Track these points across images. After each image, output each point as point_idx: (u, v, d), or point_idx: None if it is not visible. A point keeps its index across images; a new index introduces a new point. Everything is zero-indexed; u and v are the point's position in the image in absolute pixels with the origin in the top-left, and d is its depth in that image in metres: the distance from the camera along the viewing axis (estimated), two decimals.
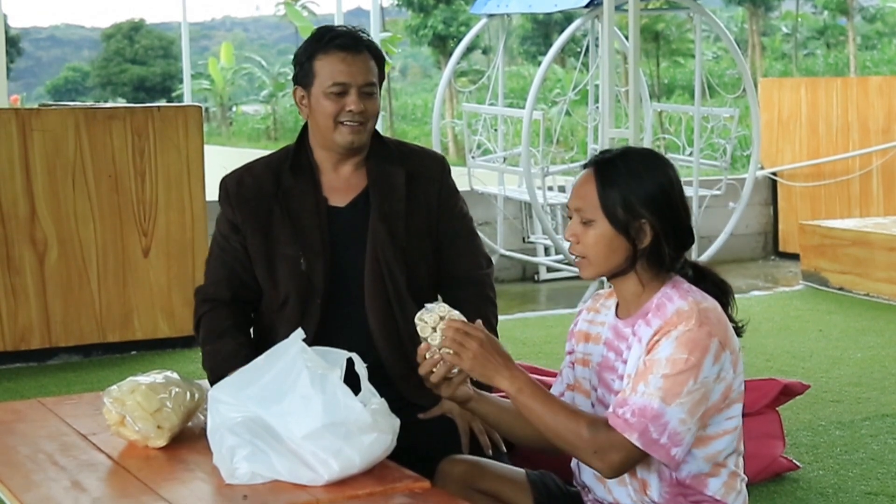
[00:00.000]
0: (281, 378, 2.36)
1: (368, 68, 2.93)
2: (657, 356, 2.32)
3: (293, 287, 2.93)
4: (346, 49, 2.91)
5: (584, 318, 2.60)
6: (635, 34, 7.44)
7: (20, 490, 2.32)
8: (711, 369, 2.32)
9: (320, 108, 2.93)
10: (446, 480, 2.56)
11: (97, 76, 47.90)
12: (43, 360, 6.17)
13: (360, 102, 2.90)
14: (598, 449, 2.30)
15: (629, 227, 2.39)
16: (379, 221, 2.95)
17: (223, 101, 38.46)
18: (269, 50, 55.13)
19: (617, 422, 2.30)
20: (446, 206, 3.05)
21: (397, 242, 2.94)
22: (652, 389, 2.29)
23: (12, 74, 33.70)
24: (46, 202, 6.07)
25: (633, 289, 2.44)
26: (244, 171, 3.06)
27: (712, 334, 2.33)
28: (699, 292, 2.42)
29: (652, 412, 2.28)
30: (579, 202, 2.43)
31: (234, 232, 3.00)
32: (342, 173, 3.00)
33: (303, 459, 2.28)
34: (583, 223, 2.42)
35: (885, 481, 4.20)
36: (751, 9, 36.72)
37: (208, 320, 3.01)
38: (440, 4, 31.91)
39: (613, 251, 2.41)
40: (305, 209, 2.96)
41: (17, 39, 42.70)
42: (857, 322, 6.90)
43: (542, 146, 8.48)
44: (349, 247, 2.96)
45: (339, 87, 2.90)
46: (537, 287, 8.99)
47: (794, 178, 10.04)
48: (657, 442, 2.29)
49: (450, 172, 3.12)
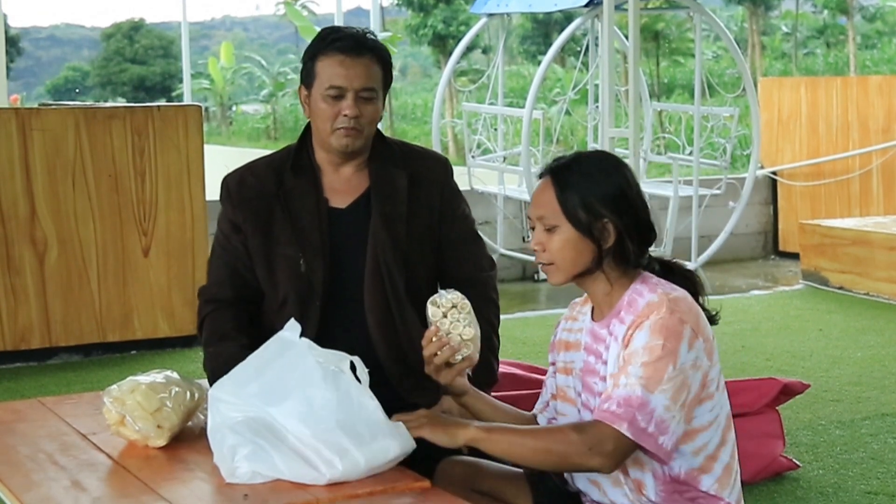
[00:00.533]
0: (287, 374, 2.35)
1: (369, 73, 2.90)
2: (633, 347, 2.34)
3: (292, 288, 2.93)
4: (346, 52, 2.89)
5: (563, 328, 2.63)
6: (635, 33, 7.44)
7: (20, 490, 2.32)
8: (687, 356, 2.34)
9: (318, 110, 2.92)
10: (446, 480, 2.56)
11: (97, 76, 47.89)
12: (43, 360, 6.17)
13: (355, 107, 2.88)
14: (591, 445, 2.31)
15: (592, 228, 2.43)
16: (380, 224, 2.94)
17: (223, 101, 38.46)
18: (268, 49, 55.10)
19: (604, 415, 2.32)
20: (448, 208, 3.04)
21: (398, 246, 2.93)
22: (633, 379, 2.31)
23: (12, 74, 33.69)
24: (46, 202, 6.08)
25: (602, 288, 2.47)
26: (246, 171, 3.05)
27: (684, 321, 2.35)
28: (668, 284, 2.45)
29: (637, 400, 2.29)
30: (540, 210, 2.47)
31: (235, 231, 2.99)
32: (343, 174, 2.99)
33: (306, 458, 2.28)
34: (546, 230, 2.46)
35: (885, 480, 4.21)
36: (751, 8, 36.72)
37: (211, 321, 3.00)
38: (440, 4, 31.93)
39: (579, 254, 2.44)
40: (306, 210, 2.95)
41: (17, 39, 42.69)
42: (857, 321, 6.90)
43: (542, 145, 8.48)
44: (349, 249, 2.96)
45: (335, 91, 2.88)
46: (537, 286, 8.99)
47: (794, 177, 10.04)
48: (645, 431, 2.30)
49: (453, 174, 3.10)
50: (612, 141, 7.33)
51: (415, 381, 2.93)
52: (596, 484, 2.50)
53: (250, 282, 2.99)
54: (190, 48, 22.52)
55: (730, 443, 2.48)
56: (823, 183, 9.80)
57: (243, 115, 39.41)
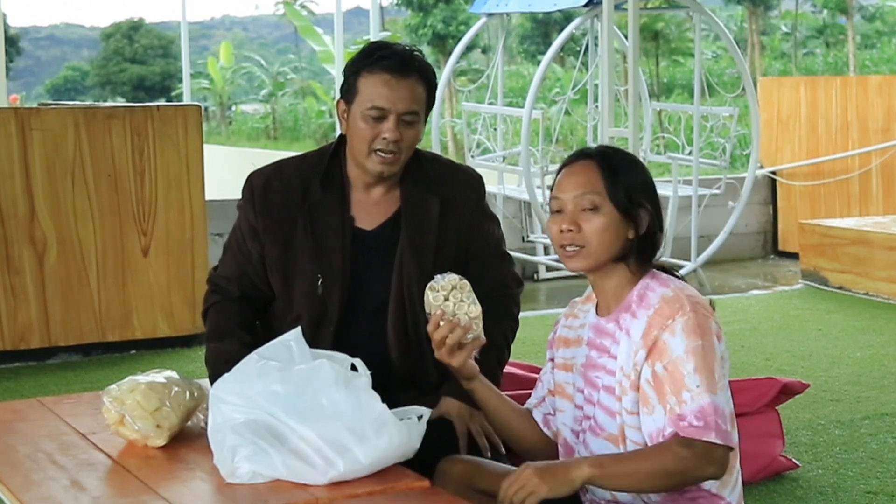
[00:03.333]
0: (295, 375, 2.35)
1: (413, 95, 2.80)
2: (674, 356, 2.33)
3: (307, 308, 2.86)
4: (392, 71, 2.78)
5: (563, 325, 2.63)
6: (635, 33, 7.44)
7: (20, 489, 2.32)
8: (719, 346, 2.38)
9: (357, 129, 2.82)
10: (446, 480, 2.55)
11: (96, 75, 47.89)
12: (42, 360, 6.17)
13: (396, 131, 2.77)
14: (696, 464, 2.31)
15: (633, 214, 2.43)
16: (409, 254, 2.85)
17: (222, 101, 38.46)
18: (268, 49, 55.09)
19: (690, 431, 2.31)
20: (478, 231, 2.96)
21: (424, 277, 2.74)
22: (695, 389, 2.31)
23: (11, 74, 33.69)
24: (46, 202, 6.07)
25: (614, 282, 2.47)
26: (273, 173, 2.95)
27: (707, 316, 2.38)
28: (676, 280, 2.46)
29: (710, 408, 2.30)
30: (582, 189, 2.43)
31: (253, 237, 2.92)
32: (373, 195, 2.90)
33: (308, 457, 2.28)
34: (587, 210, 2.43)
35: (884, 480, 4.21)
36: (750, 8, 36.73)
37: (215, 314, 2.96)
38: (439, 4, 31.94)
39: (615, 239, 2.43)
40: (331, 228, 2.86)
41: (17, 39, 42.67)
42: (857, 321, 6.90)
43: (541, 145, 8.48)
44: (370, 272, 2.88)
45: (377, 112, 2.78)
46: (537, 286, 8.98)
47: (794, 177, 10.03)
48: (728, 431, 2.33)
49: (485, 195, 3.01)
50: (611, 140, 7.33)
51: (416, 392, 2.91)
52: None
53: (259, 287, 2.95)
54: (189, 48, 22.51)
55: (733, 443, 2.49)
56: (823, 183, 9.79)
57: (243, 114, 39.41)
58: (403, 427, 2.34)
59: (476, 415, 2.85)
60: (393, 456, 2.32)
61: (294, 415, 2.31)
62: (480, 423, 2.84)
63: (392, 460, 2.33)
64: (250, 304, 2.97)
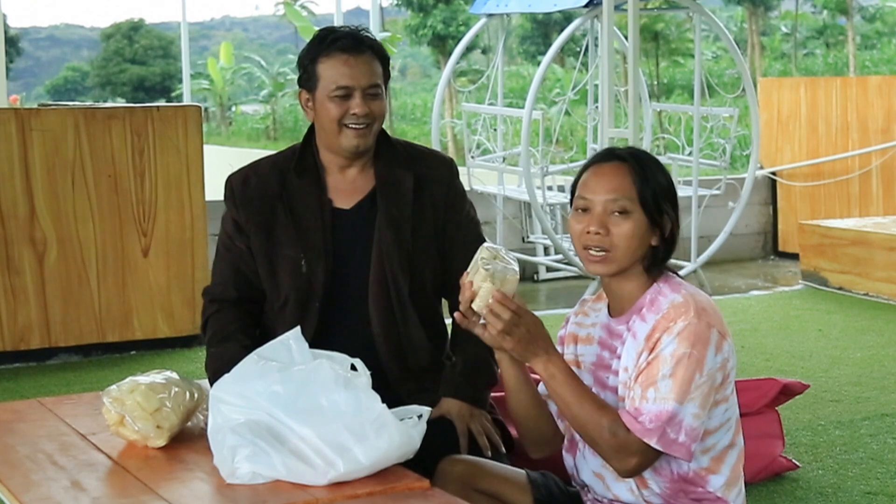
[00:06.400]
0: (294, 374, 2.35)
1: (372, 69, 2.90)
2: (661, 353, 2.34)
3: (293, 288, 2.93)
4: (349, 51, 2.88)
5: (573, 322, 2.63)
6: (635, 34, 7.43)
7: (20, 490, 2.32)
8: (714, 360, 2.36)
9: (325, 112, 2.91)
10: (446, 480, 2.56)
11: (96, 76, 47.91)
12: (42, 360, 6.17)
13: (364, 105, 2.88)
14: (618, 449, 2.34)
15: (659, 220, 2.44)
16: (386, 227, 2.93)
17: (222, 101, 38.48)
18: (268, 50, 55.14)
19: (637, 427, 2.33)
20: (453, 209, 3.03)
21: (403, 248, 2.92)
22: (664, 393, 2.32)
23: (11, 74, 33.68)
24: (46, 202, 6.07)
25: (631, 285, 2.46)
26: (250, 170, 3.04)
27: (711, 325, 2.36)
28: (689, 284, 2.46)
29: (667, 415, 2.31)
30: (615, 193, 2.42)
31: (238, 232, 2.99)
32: (348, 175, 2.98)
33: (308, 458, 2.28)
34: (617, 213, 2.42)
35: (884, 481, 4.21)
36: (750, 8, 36.75)
37: (214, 322, 3.00)
38: (439, 4, 31.95)
39: (641, 243, 2.43)
40: (309, 210, 2.94)
41: (17, 39, 42.69)
42: (857, 322, 6.90)
43: (541, 146, 8.47)
44: (352, 250, 2.95)
45: (342, 91, 2.87)
46: (537, 287, 8.98)
47: (794, 177, 10.04)
48: (675, 441, 2.33)
49: (458, 175, 3.09)
50: (611, 141, 7.32)
51: (415, 384, 2.93)
52: (600, 478, 2.51)
53: (254, 282, 2.99)
54: (189, 48, 22.53)
55: (738, 447, 2.49)
56: (823, 183, 9.80)
57: (243, 115, 39.44)
58: (403, 427, 2.34)
59: (476, 414, 2.86)
60: (393, 456, 2.32)
61: (294, 415, 2.31)
62: (481, 422, 2.85)
63: (392, 460, 2.33)
64: (249, 307, 3.00)
